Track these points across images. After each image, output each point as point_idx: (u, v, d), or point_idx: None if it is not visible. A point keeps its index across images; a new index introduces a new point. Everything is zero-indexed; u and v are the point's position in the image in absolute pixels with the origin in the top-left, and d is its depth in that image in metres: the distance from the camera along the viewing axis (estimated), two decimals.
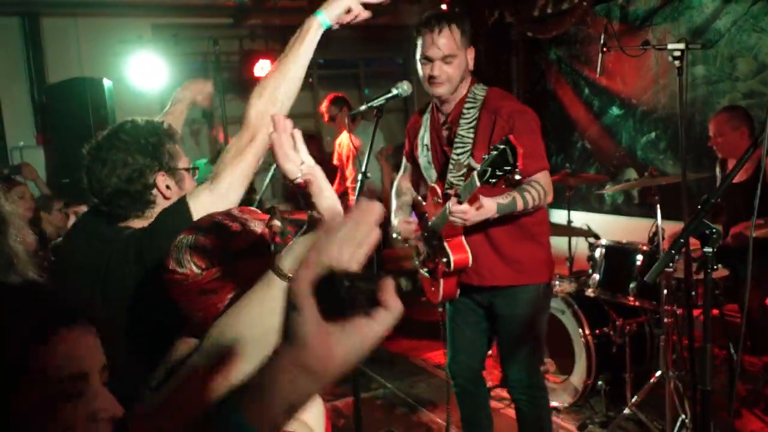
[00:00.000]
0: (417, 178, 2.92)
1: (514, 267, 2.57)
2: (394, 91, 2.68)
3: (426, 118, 2.75)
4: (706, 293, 1.67)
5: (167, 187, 1.72)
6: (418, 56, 2.54)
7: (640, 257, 3.46)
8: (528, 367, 2.67)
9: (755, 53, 4.39)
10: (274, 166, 4.91)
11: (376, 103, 2.71)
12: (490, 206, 2.33)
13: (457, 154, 2.51)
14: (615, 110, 5.51)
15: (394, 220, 2.80)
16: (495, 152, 2.13)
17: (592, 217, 5.22)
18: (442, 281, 2.64)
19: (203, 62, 6.40)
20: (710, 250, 1.63)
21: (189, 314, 1.15)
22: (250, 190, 6.74)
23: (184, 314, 1.16)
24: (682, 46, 2.84)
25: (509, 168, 2.08)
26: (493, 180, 2.13)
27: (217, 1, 5.99)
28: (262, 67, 5.95)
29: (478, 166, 2.43)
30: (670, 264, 3.23)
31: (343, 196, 5.84)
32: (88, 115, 4.87)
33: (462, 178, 2.49)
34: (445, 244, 2.55)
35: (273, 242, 1.09)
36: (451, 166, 2.53)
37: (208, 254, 1.12)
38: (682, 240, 1.66)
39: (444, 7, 6.46)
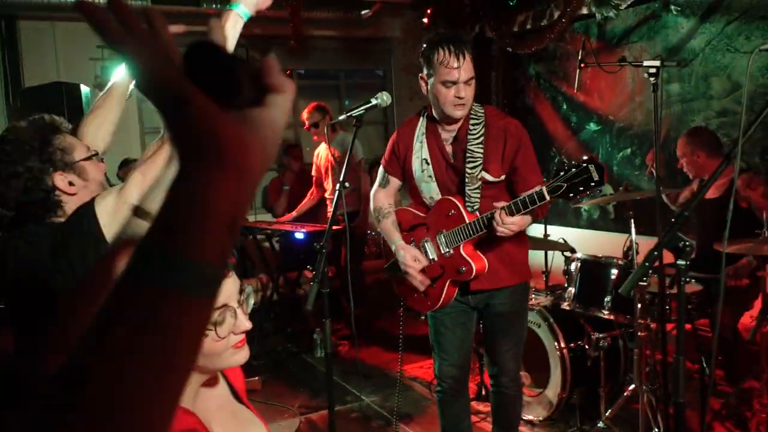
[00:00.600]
0: (398, 193, 3.00)
1: (512, 268, 2.76)
2: (374, 101, 2.71)
3: (420, 133, 2.79)
4: (680, 305, 1.68)
5: (70, 183, 1.67)
6: (434, 79, 2.58)
7: (614, 271, 3.49)
8: (517, 356, 2.87)
9: (729, 73, 4.48)
10: None
11: (355, 112, 2.72)
12: (528, 218, 2.53)
13: (470, 168, 2.63)
14: (592, 126, 5.58)
15: (400, 252, 2.79)
16: (574, 169, 2.27)
17: (569, 232, 5.26)
18: (447, 288, 2.73)
19: None
20: (683, 262, 1.65)
21: None
22: None
23: None
24: (657, 63, 2.90)
25: (594, 184, 2.24)
26: (572, 194, 2.29)
27: (198, 9, 5.96)
28: None
29: (491, 178, 2.63)
30: (644, 278, 3.28)
31: (321, 206, 5.82)
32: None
33: (477, 191, 2.63)
34: (464, 253, 2.66)
35: None
36: (467, 180, 2.63)
37: None
38: (656, 253, 1.68)
39: (425, 21, 6.53)
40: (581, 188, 2.27)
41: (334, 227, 4.70)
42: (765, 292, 3.20)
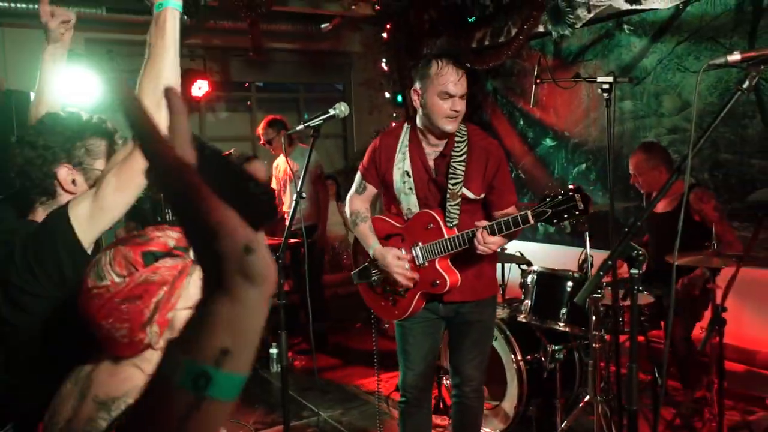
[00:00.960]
0: (374, 199, 3.00)
1: (484, 281, 2.83)
2: (332, 112, 2.71)
3: (404, 145, 2.80)
4: (632, 312, 1.70)
5: (73, 182, 1.65)
6: (430, 91, 2.62)
7: (570, 284, 3.53)
8: (482, 365, 2.90)
9: (679, 91, 4.61)
10: None
11: (313, 123, 2.72)
12: (507, 238, 2.61)
13: (452, 185, 2.68)
14: (548, 141, 5.67)
15: (380, 255, 2.78)
16: (561, 197, 2.35)
17: (525, 246, 5.30)
18: (416, 299, 2.77)
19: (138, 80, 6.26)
20: (636, 271, 1.68)
21: (111, 332, 1.11)
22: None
23: (105, 335, 1.11)
24: (610, 79, 2.97)
25: (578, 213, 2.32)
26: (556, 220, 2.37)
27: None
28: (199, 87, 5.86)
29: (472, 195, 2.69)
30: (599, 290, 3.32)
31: (279, 221, 5.75)
32: (12, 129, 4.65)
33: (457, 207, 2.68)
34: (439, 266, 2.70)
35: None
36: (448, 196, 2.68)
37: (129, 260, 1.10)
38: (610, 262, 1.70)
39: (384, 35, 6.56)
40: (565, 216, 2.36)
41: (292, 240, 4.66)
42: (715, 304, 3.27)
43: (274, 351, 4.96)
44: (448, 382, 3.85)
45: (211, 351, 0.59)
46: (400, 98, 6.65)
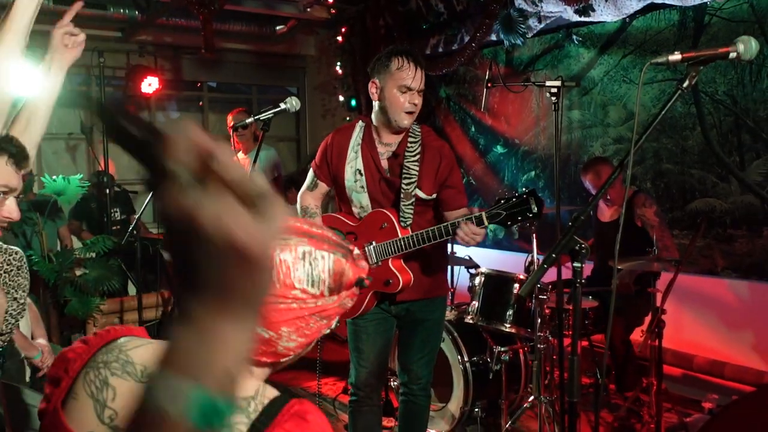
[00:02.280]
0: (325, 197, 3.00)
1: (436, 281, 2.86)
2: (282, 106, 2.69)
3: (356, 143, 2.80)
4: (575, 305, 1.73)
5: None
6: (389, 85, 2.65)
7: (516, 286, 3.57)
8: (430, 364, 2.91)
9: (624, 102, 4.74)
10: None
11: (263, 116, 2.69)
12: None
13: (406, 185, 2.69)
14: (499, 149, 5.75)
15: None
16: (515, 199, 2.39)
17: (474, 251, 5.35)
18: (368, 298, 2.77)
19: (86, 75, 6.10)
20: (579, 265, 1.70)
21: (277, 338, 0.99)
22: (130, 211, 6.35)
23: (255, 337, 0.96)
24: (558, 83, 3.03)
25: (531, 216, 2.37)
26: (509, 222, 2.42)
27: (105, 13, 5.74)
28: (149, 84, 5.73)
29: (424, 196, 2.72)
30: (545, 292, 3.37)
31: None
32: None
33: (411, 207, 2.70)
34: (392, 266, 2.71)
35: None
36: (402, 196, 2.69)
37: (345, 279, 1.00)
38: (554, 255, 1.72)
39: (340, 39, 6.57)
40: (519, 218, 2.40)
41: None
42: (655, 307, 3.36)
43: None
44: (395, 383, 3.85)
45: (218, 374, 0.49)
46: (354, 102, 6.66)
